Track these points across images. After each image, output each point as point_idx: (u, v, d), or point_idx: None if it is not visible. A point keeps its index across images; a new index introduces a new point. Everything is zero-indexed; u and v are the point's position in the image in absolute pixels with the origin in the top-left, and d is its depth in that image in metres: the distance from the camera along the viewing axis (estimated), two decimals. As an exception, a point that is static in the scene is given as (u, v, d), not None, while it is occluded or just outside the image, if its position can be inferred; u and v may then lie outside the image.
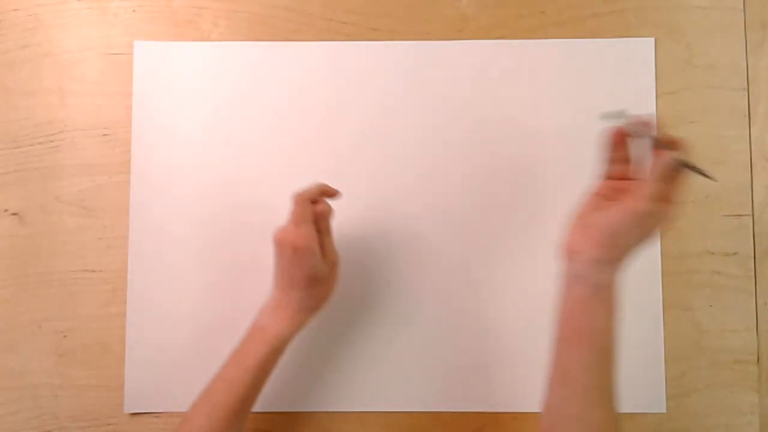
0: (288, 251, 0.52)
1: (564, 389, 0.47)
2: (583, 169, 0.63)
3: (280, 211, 0.63)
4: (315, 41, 0.64)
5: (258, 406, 0.61)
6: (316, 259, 0.52)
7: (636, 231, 0.47)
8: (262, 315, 0.55)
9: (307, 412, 0.62)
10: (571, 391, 0.46)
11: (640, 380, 0.61)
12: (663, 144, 0.47)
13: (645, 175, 0.48)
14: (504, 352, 0.62)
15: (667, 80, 0.64)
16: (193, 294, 0.62)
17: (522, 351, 0.62)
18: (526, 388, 0.61)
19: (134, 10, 0.65)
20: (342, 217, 0.62)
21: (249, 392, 0.53)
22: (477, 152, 0.63)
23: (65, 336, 0.63)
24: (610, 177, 0.51)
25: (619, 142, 0.50)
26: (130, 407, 0.62)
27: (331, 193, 0.56)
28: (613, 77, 0.63)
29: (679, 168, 0.46)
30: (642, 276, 0.62)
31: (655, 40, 0.64)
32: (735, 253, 0.62)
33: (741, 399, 0.61)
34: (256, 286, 0.62)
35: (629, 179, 0.50)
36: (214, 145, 0.64)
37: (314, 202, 0.54)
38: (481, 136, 0.63)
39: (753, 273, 0.62)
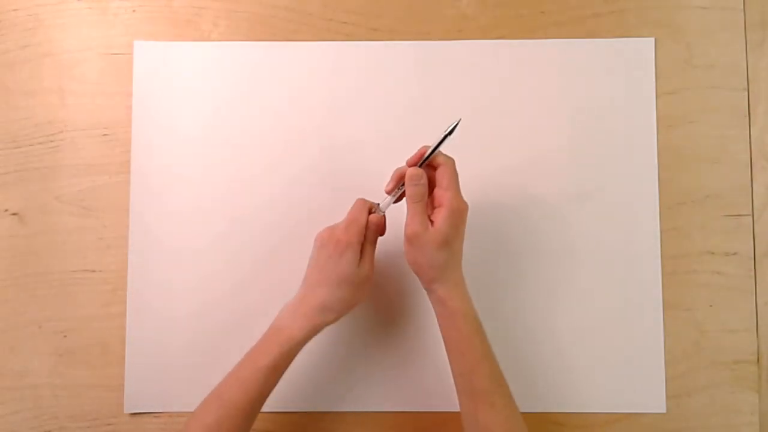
0: (330, 245, 0.54)
1: (461, 397, 0.54)
2: (583, 168, 0.63)
3: (280, 211, 0.63)
4: (315, 41, 0.64)
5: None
6: (353, 259, 0.53)
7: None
8: (282, 315, 0.55)
9: (307, 412, 0.62)
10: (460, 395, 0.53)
11: (640, 380, 0.61)
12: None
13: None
14: (503, 352, 0.62)
15: (667, 80, 0.64)
16: (192, 294, 0.62)
17: (521, 351, 0.62)
18: (526, 388, 0.61)
19: (134, 10, 0.65)
20: (342, 214, 0.62)
21: (260, 392, 0.53)
22: (476, 152, 0.63)
23: (65, 336, 0.63)
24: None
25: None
26: (130, 407, 0.62)
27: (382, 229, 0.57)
28: (613, 77, 0.63)
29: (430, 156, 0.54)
30: (642, 276, 0.62)
31: (655, 40, 0.64)
32: (735, 253, 0.62)
33: (741, 399, 0.61)
34: (256, 285, 0.62)
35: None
36: (213, 145, 0.64)
37: (371, 211, 0.56)
38: (481, 135, 0.63)
39: (753, 273, 0.62)
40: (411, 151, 0.64)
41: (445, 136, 0.53)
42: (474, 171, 0.63)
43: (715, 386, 0.61)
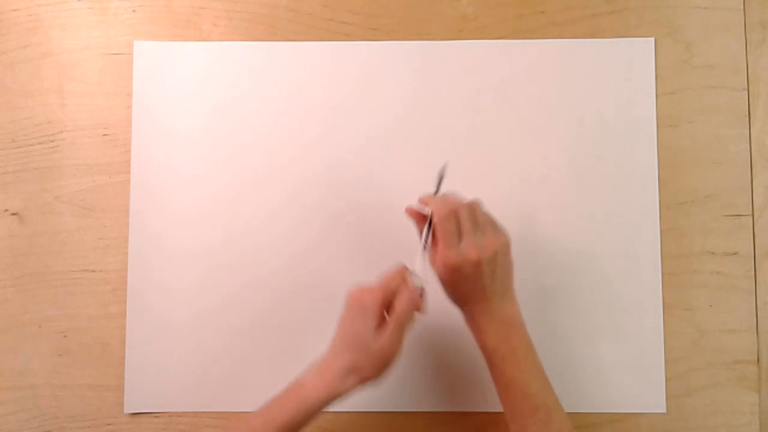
0: (355, 306, 0.51)
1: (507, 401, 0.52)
2: (583, 168, 0.63)
3: (280, 211, 0.63)
4: (315, 41, 0.64)
5: (258, 406, 0.61)
6: (370, 325, 0.50)
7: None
8: (307, 373, 0.52)
9: (307, 412, 0.62)
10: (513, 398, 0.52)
11: (640, 380, 0.61)
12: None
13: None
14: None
15: (667, 80, 0.64)
16: (193, 294, 0.62)
17: (522, 351, 0.62)
18: (526, 388, 0.61)
19: (134, 10, 0.65)
20: (342, 215, 0.62)
21: None
22: (476, 152, 0.63)
23: (65, 336, 0.63)
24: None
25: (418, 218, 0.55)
26: (130, 407, 0.62)
27: (418, 306, 0.53)
28: (613, 77, 0.63)
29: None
30: (642, 276, 0.62)
31: (655, 40, 0.64)
32: (735, 253, 0.62)
33: (741, 399, 0.61)
34: (256, 286, 0.62)
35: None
36: (214, 145, 0.64)
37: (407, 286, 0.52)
38: (481, 135, 0.63)
39: (753, 273, 0.62)
40: (411, 151, 0.64)
41: (440, 182, 0.52)
42: (473, 170, 0.63)
43: (715, 386, 0.61)
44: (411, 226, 0.57)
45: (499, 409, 0.60)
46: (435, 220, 0.52)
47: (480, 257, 0.51)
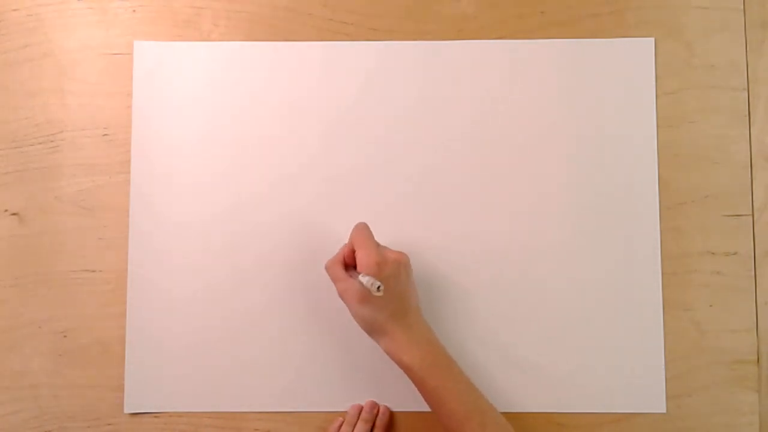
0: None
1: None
2: (582, 168, 0.63)
3: (280, 210, 0.63)
4: (315, 41, 0.64)
5: (258, 406, 0.62)
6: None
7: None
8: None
9: (307, 412, 0.62)
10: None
11: (640, 380, 0.61)
12: None
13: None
14: (503, 353, 0.62)
15: (667, 80, 0.64)
16: (193, 294, 0.62)
17: (521, 351, 0.62)
18: (527, 388, 0.61)
19: (134, 10, 0.65)
20: (342, 213, 0.62)
21: None
22: (476, 152, 0.63)
23: (65, 336, 0.63)
24: None
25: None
26: (130, 407, 0.62)
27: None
28: (613, 77, 0.63)
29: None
30: (642, 276, 0.62)
31: (655, 40, 0.64)
32: (735, 253, 0.62)
33: (741, 399, 0.61)
34: (256, 286, 0.62)
35: None
36: (213, 145, 0.64)
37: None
38: (481, 136, 0.63)
39: (753, 273, 0.62)
40: (411, 150, 0.64)
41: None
42: (473, 170, 0.63)
43: (715, 386, 0.61)
44: (411, 227, 0.57)
45: (503, 409, 0.61)
46: (352, 237, 0.56)
47: (399, 258, 0.55)
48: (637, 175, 0.63)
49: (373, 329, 0.55)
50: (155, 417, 0.62)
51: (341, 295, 0.55)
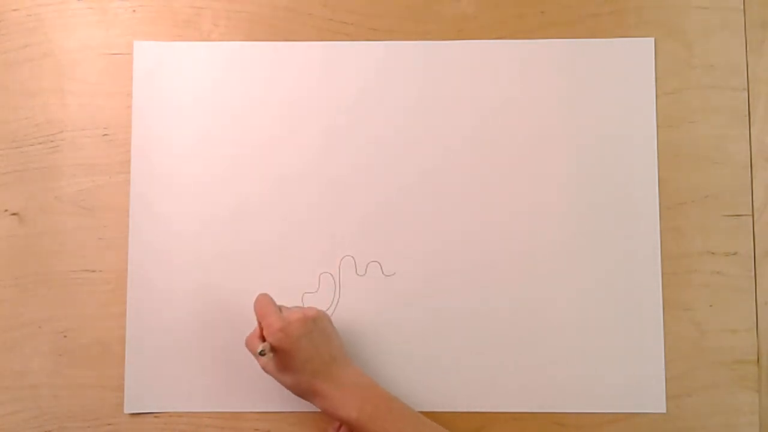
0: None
1: None
2: (582, 168, 0.63)
3: (280, 210, 0.63)
4: (315, 41, 0.64)
5: (258, 406, 0.62)
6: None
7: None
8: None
9: (307, 412, 0.62)
10: None
11: (640, 380, 0.61)
12: None
13: None
14: (503, 353, 0.62)
15: (667, 80, 0.64)
16: (193, 294, 0.62)
17: (521, 351, 0.62)
18: (527, 388, 0.61)
19: (134, 10, 0.65)
20: (342, 214, 0.62)
21: None
22: (477, 152, 0.63)
23: (65, 336, 0.63)
24: None
25: None
26: (130, 407, 0.62)
27: None
28: (613, 77, 0.63)
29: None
30: (642, 276, 0.62)
31: (655, 40, 0.64)
32: (735, 253, 0.62)
33: (741, 399, 0.61)
34: (257, 285, 0.62)
35: None
36: (214, 145, 0.64)
37: None
38: (481, 136, 0.63)
39: (753, 273, 0.62)
40: (410, 150, 0.64)
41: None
42: (472, 169, 0.63)
43: (715, 386, 0.61)
44: (411, 227, 0.57)
45: (502, 409, 0.61)
46: (255, 310, 0.55)
47: (305, 315, 0.54)
48: (637, 175, 0.63)
49: (302, 393, 0.54)
50: (155, 417, 0.62)
51: (264, 369, 0.55)
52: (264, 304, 0.55)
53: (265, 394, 0.62)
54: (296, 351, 0.53)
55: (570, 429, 0.61)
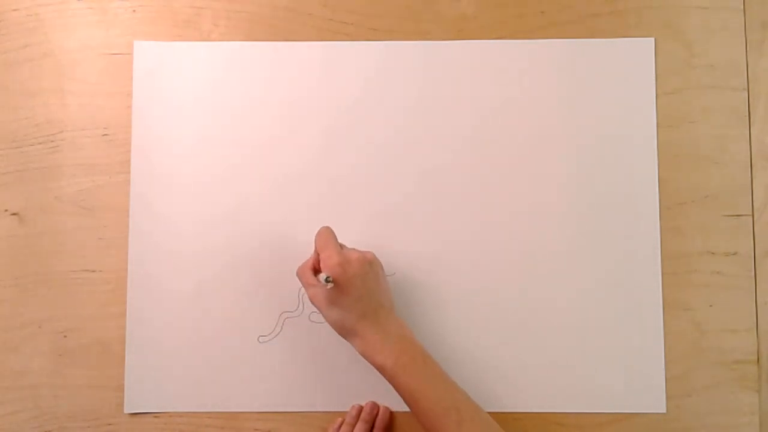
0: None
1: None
2: (582, 168, 0.63)
3: (280, 210, 0.63)
4: (315, 41, 0.64)
5: (258, 406, 0.62)
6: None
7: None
8: None
9: (307, 412, 0.62)
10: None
11: (640, 380, 0.61)
12: None
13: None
14: (502, 353, 0.62)
15: (667, 80, 0.64)
16: (193, 294, 0.62)
17: (523, 351, 0.62)
18: (527, 388, 0.61)
19: (134, 10, 0.65)
20: (342, 214, 0.62)
21: None
22: (477, 152, 0.63)
23: (65, 336, 0.63)
24: None
25: None
26: (130, 407, 0.62)
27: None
28: (613, 77, 0.63)
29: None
30: (642, 276, 0.62)
31: (655, 40, 0.64)
32: (735, 253, 0.62)
33: (741, 399, 0.61)
34: (256, 285, 0.62)
35: None
36: (214, 145, 0.64)
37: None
38: (481, 136, 0.63)
39: (753, 273, 0.62)
40: (411, 150, 0.64)
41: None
42: (473, 169, 0.63)
43: (715, 386, 0.61)
44: (411, 227, 0.57)
45: (502, 409, 0.61)
46: (315, 241, 0.56)
47: (363, 256, 0.54)
48: (637, 175, 0.63)
49: (344, 331, 0.55)
50: (155, 417, 0.62)
51: (311, 300, 0.55)
52: (326, 237, 0.55)
53: (265, 394, 0.62)
54: (349, 288, 0.53)
55: (570, 429, 0.61)
